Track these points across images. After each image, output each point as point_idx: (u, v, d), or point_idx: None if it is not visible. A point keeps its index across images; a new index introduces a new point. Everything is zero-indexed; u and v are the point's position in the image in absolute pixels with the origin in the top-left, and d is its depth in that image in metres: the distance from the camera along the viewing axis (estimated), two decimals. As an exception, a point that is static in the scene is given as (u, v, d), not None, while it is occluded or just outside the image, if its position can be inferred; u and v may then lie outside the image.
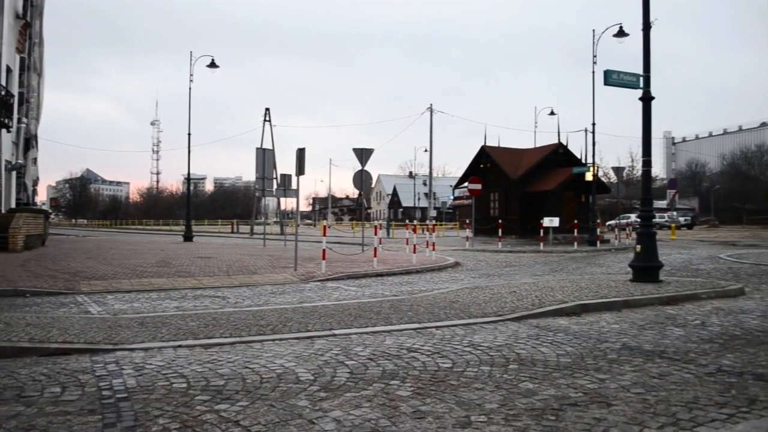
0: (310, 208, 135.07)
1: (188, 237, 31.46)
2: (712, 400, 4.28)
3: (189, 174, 35.23)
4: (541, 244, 24.55)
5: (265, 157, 23.93)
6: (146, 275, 12.81)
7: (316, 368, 5.12)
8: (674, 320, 7.70)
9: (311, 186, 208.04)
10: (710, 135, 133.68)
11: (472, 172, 34.04)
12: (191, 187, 37.49)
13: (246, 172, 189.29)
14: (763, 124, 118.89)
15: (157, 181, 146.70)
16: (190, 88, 31.50)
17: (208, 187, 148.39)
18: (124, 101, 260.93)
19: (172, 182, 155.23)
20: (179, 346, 5.96)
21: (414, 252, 17.31)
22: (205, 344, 6.04)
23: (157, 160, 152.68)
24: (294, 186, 24.98)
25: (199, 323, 7.13)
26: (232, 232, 53.45)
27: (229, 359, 5.43)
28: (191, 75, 31.43)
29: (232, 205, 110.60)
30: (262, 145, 43.33)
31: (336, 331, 6.69)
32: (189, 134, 31.70)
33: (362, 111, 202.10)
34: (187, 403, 4.18)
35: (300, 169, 15.21)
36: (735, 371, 5.09)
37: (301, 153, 15.14)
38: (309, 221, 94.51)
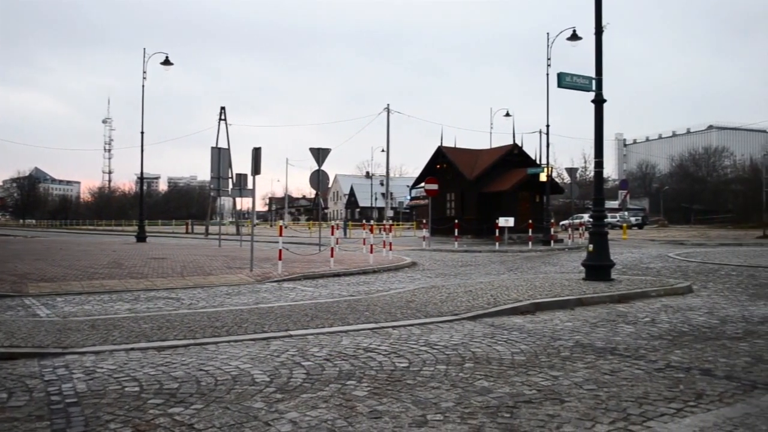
0: (266, 208, 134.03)
1: (141, 237, 30.91)
2: (662, 395, 4.39)
3: (142, 173, 34.61)
4: (497, 243, 24.83)
5: (220, 157, 23.64)
6: (97, 277, 12.52)
7: (272, 369, 5.08)
8: (625, 318, 7.87)
9: (267, 186, 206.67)
10: (660, 137, 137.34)
11: (428, 173, 34.21)
12: (144, 187, 36.84)
13: (201, 171, 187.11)
14: (710, 127, 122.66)
15: (109, 181, 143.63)
16: (143, 86, 30.96)
17: (162, 186, 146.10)
18: (73, 98, 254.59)
19: (125, 182, 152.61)
20: (132, 349, 5.84)
21: (371, 252, 17.33)
22: (159, 347, 5.94)
23: (109, 158, 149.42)
24: (250, 186, 24.77)
25: (152, 325, 7.00)
26: (187, 233, 52.66)
27: (183, 362, 5.34)
28: (144, 72, 30.87)
29: (187, 205, 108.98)
30: (217, 144, 42.88)
31: (292, 332, 6.65)
32: (142, 132, 31.12)
33: (319, 110, 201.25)
34: (139, 407, 4.10)
35: (256, 169, 15.07)
36: (683, 367, 5.23)
37: (257, 152, 15.00)
38: (261, 221, 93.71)
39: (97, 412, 4.01)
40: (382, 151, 51.24)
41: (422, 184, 33.22)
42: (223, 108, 45.43)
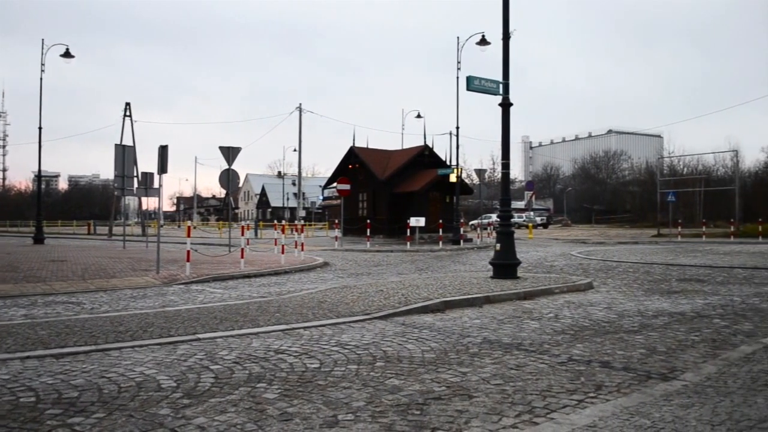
0: (174, 208, 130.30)
1: (39, 239, 29.33)
2: (564, 387, 4.57)
3: (40, 171, 32.81)
4: (408, 243, 25.14)
5: (124, 154, 22.78)
6: (-11, 281, 11.79)
7: (179, 374, 4.94)
8: (530, 314, 8.15)
9: (175, 185, 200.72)
10: (564, 140, 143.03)
11: (341, 173, 34.25)
12: (42, 185, 34.99)
13: (104, 169, 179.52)
14: (610, 131, 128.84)
15: (3, 179, 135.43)
16: (41, 78, 29.32)
17: (62, 185, 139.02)
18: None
19: (21, 180, 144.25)
20: (27, 357, 5.53)
21: (282, 252, 17.16)
22: (57, 354, 5.65)
23: (4, 155, 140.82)
24: (156, 185, 24.05)
25: (50, 332, 6.66)
26: (89, 234, 50.40)
27: (84, 369, 5.11)
28: (43, 64, 29.27)
29: (89, 204, 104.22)
30: (121, 141, 41.37)
31: (200, 335, 6.49)
32: (40, 128, 29.49)
33: (228, 106, 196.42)
34: (35, 418, 3.89)
35: (162, 167, 14.62)
36: (584, 360, 5.46)
37: (163, 150, 14.56)
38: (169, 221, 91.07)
39: (-13, 424, 3.77)
40: (294, 150, 50.86)
41: (334, 184, 33.25)
42: (128, 104, 43.83)
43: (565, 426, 3.67)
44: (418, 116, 39.48)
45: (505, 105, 12.12)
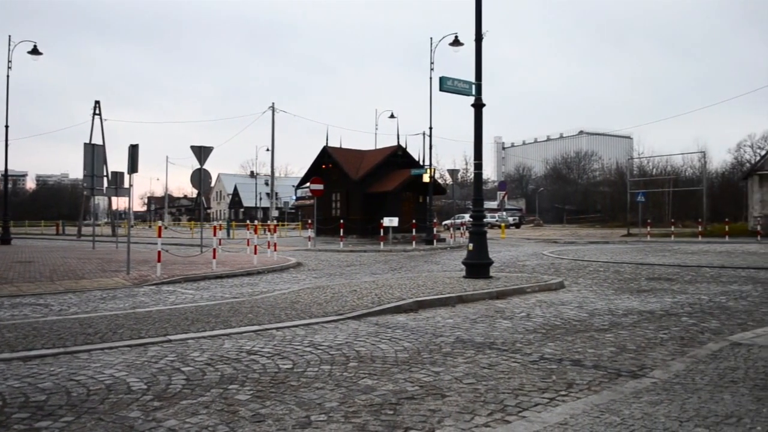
0: (145, 208, 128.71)
1: (5, 239, 28.79)
2: (536, 386, 4.61)
3: (6, 170, 32.25)
4: (382, 243, 25.15)
5: (94, 154, 22.46)
6: (-46, 283, 11.53)
7: (149, 377, 4.88)
8: (503, 313, 8.21)
9: (146, 184, 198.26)
10: (536, 141, 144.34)
11: (314, 173, 34.11)
12: (9, 185, 34.36)
13: (73, 169, 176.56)
14: (581, 132, 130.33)
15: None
16: (8, 76, 28.81)
17: (30, 185, 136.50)
18: None
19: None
20: (-7, 359, 5.42)
21: (255, 253, 17.06)
22: (24, 357, 5.54)
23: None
24: (126, 184, 23.72)
25: (17, 334, 6.54)
26: (58, 234, 49.58)
27: (52, 372, 5.02)
28: (10, 61, 28.76)
29: (58, 204, 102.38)
30: (91, 140, 40.76)
31: (171, 337, 6.42)
32: (7, 126, 28.93)
33: (201, 106, 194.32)
34: (2, 422, 3.81)
35: (133, 167, 14.43)
36: (555, 358, 5.52)
37: (134, 149, 14.37)
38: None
39: (-49, 429, 3.69)
40: (267, 150, 50.48)
41: (308, 184, 33.14)
42: (97, 102, 43.22)
43: (536, 424, 3.70)
44: (392, 116, 39.48)
45: (478, 106, 12.18)
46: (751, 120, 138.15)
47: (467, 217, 47.09)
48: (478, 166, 12.58)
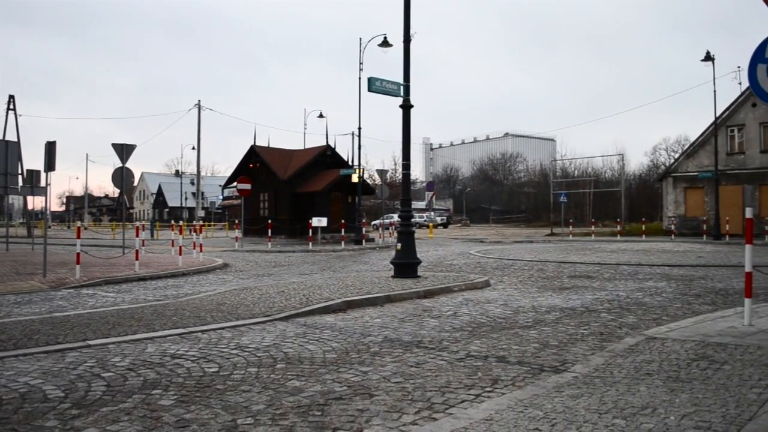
0: (63, 208, 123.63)
1: None
2: (462, 383, 4.68)
3: None
4: (310, 243, 25.02)
5: (8, 151, 21.37)
6: None
7: (67, 384, 4.68)
8: (430, 312, 8.30)
9: (65, 183, 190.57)
10: (463, 142, 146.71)
11: (241, 172, 33.60)
12: None
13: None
14: (506, 134, 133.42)
15: None
16: None
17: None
18: None
19: None
20: None
21: (180, 254, 16.67)
22: (-72, 365, 5.23)
23: None
24: (43, 183, 22.74)
25: None
26: (-33, 236, 47.06)
27: (-40, 380, 4.76)
28: None
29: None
30: (4, 137, 38.88)
31: (91, 342, 6.18)
32: None
33: (122, 101, 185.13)
34: None
35: (50, 165, 13.86)
36: (481, 355, 5.62)
37: (50, 146, 13.80)
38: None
39: None
40: (193, 148, 49.31)
41: (235, 184, 32.58)
42: (12, 96, 41.32)
43: (462, 420, 3.75)
44: (321, 116, 39.30)
45: (406, 107, 12.26)
46: (667, 124, 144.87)
47: (396, 217, 47.43)
48: (407, 167, 12.69)
